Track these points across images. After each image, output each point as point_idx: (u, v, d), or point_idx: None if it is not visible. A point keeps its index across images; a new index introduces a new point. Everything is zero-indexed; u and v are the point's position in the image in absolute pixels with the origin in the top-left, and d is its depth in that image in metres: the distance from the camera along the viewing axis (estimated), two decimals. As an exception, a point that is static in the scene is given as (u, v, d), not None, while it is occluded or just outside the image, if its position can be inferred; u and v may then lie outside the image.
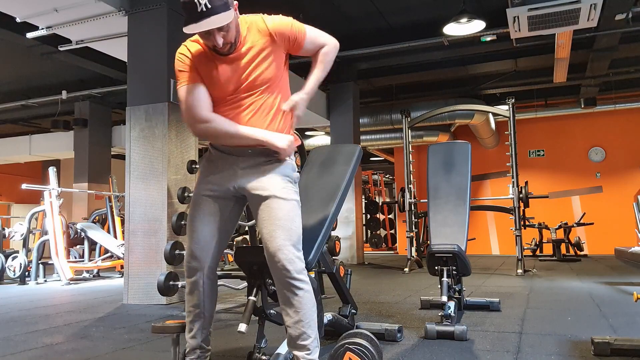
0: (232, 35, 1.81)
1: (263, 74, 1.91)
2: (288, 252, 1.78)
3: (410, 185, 7.23)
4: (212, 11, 1.69)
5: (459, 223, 3.26)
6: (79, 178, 9.45)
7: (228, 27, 1.77)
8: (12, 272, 6.48)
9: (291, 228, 1.83)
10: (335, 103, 8.50)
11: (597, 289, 4.66)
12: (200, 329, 1.95)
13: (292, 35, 1.93)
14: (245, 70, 1.89)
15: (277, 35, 1.91)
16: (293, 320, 1.80)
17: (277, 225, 1.81)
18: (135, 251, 4.47)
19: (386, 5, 6.18)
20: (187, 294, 1.97)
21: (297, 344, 1.81)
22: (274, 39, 1.91)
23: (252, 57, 1.89)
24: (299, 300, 1.80)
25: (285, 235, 1.80)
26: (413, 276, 6.26)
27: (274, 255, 1.78)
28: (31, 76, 8.27)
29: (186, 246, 1.99)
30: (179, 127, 4.64)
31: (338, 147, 2.62)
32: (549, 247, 8.99)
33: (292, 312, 1.80)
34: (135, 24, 4.72)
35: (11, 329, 3.33)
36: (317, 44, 2.00)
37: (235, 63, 1.89)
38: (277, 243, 1.79)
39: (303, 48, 1.97)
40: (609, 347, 2.31)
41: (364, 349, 1.89)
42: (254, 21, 1.92)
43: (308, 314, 1.81)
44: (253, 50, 1.89)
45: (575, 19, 4.97)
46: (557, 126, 10.91)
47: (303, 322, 1.80)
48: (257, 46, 1.89)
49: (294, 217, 1.86)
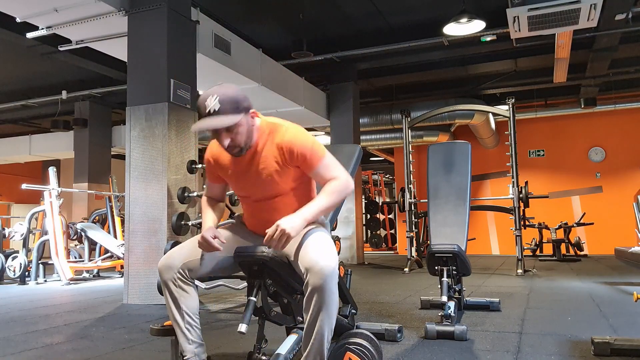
0: (241, 140, 1.84)
1: (274, 182, 1.92)
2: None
3: (410, 185, 7.23)
4: (218, 113, 1.77)
5: (459, 223, 3.26)
6: (79, 178, 9.46)
7: (236, 131, 1.81)
8: (12, 272, 6.48)
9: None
10: (335, 103, 8.50)
11: (597, 289, 4.66)
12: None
13: (308, 155, 1.88)
14: (258, 176, 1.92)
15: (291, 150, 1.88)
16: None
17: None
18: (135, 251, 4.47)
19: (386, 5, 6.18)
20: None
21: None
22: (288, 152, 1.88)
23: (265, 164, 1.91)
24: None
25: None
26: (413, 276, 6.26)
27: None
28: (31, 76, 8.27)
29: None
30: (179, 127, 4.64)
31: (338, 147, 2.62)
32: (549, 247, 8.99)
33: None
34: (135, 24, 4.72)
35: (11, 329, 3.33)
36: (329, 174, 1.92)
37: (248, 166, 1.93)
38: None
39: (314, 171, 1.91)
40: (609, 347, 2.31)
41: (363, 349, 1.89)
42: (275, 129, 1.92)
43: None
44: (266, 158, 1.90)
45: (575, 19, 4.97)
46: (557, 126, 10.91)
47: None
48: (270, 155, 1.90)
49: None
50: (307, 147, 1.88)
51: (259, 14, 6.36)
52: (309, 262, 1.75)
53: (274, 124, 1.94)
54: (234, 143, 1.84)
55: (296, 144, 1.88)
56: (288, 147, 1.88)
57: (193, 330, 1.92)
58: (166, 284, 1.91)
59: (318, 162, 1.89)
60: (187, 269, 1.91)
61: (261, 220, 2.01)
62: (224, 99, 1.78)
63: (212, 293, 4.93)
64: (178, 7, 4.75)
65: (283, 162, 1.90)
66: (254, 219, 2.06)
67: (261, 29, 6.80)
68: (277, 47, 7.10)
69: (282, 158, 1.89)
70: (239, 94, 1.84)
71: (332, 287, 1.75)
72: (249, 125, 1.86)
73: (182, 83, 4.68)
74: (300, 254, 1.82)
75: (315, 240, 1.84)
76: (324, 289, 1.73)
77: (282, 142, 1.89)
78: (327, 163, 1.91)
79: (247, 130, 1.85)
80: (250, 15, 6.36)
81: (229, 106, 1.78)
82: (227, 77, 6.12)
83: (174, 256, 1.93)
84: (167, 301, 1.93)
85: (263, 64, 6.63)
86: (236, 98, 1.82)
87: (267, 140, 1.91)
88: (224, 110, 1.77)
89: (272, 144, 1.90)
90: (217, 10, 6.03)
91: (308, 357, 1.78)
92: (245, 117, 1.83)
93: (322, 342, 1.78)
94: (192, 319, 1.92)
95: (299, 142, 1.88)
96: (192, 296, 1.94)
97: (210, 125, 1.78)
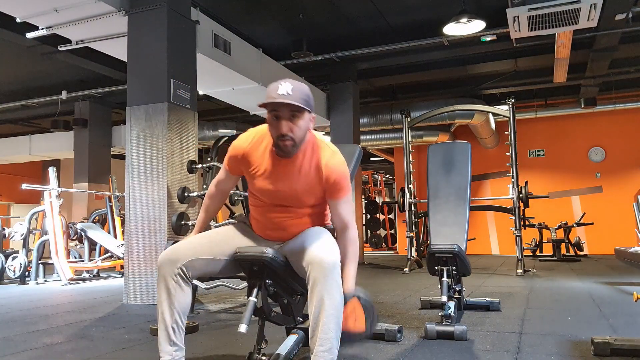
0: (298, 134, 1.84)
1: (302, 195, 1.95)
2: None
3: (410, 185, 7.23)
4: (291, 97, 1.79)
5: (459, 223, 3.26)
6: (79, 178, 9.45)
7: (298, 122, 1.83)
8: (12, 272, 6.48)
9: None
10: (335, 103, 8.50)
11: (597, 289, 4.66)
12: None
13: (341, 186, 1.94)
14: (291, 184, 1.93)
15: (330, 174, 1.92)
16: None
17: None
18: (135, 251, 4.47)
19: (386, 5, 6.18)
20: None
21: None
22: (327, 175, 1.92)
23: (302, 176, 1.93)
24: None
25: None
26: (413, 276, 6.26)
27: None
28: (31, 76, 8.27)
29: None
30: (179, 127, 4.64)
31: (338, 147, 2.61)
32: (549, 247, 8.99)
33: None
34: (135, 24, 4.72)
35: (11, 329, 3.33)
36: (345, 213, 1.97)
37: (285, 170, 1.94)
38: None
39: (335, 200, 1.95)
40: (609, 347, 2.31)
41: (370, 307, 1.90)
42: (323, 148, 1.96)
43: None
44: (305, 170, 1.93)
45: (575, 19, 4.97)
46: (557, 126, 10.91)
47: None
48: (310, 169, 1.93)
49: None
50: (344, 179, 1.94)
51: (259, 14, 6.36)
52: (310, 256, 1.77)
53: (323, 142, 1.98)
54: (292, 133, 1.83)
55: (337, 172, 1.92)
56: (329, 171, 1.92)
57: (178, 332, 1.87)
58: (164, 277, 1.87)
59: (344, 196, 1.95)
60: (189, 267, 1.88)
61: (271, 226, 2.02)
62: (297, 88, 1.82)
63: (212, 293, 4.93)
64: (178, 7, 4.75)
65: (318, 181, 1.93)
66: (264, 223, 2.04)
67: (261, 29, 6.80)
68: (277, 47, 7.10)
69: (318, 177, 1.92)
70: (310, 94, 1.89)
71: (334, 277, 1.75)
72: (308, 125, 1.89)
73: (182, 83, 4.68)
74: (301, 252, 1.83)
75: (315, 237, 1.86)
76: (326, 280, 1.73)
77: (327, 163, 1.92)
78: (348, 200, 1.98)
79: (305, 128, 1.87)
80: (250, 15, 6.36)
81: (301, 95, 1.82)
82: (227, 77, 6.12)
83: (179, 251, 1.90)
84: (160, 296, 1.88)
85: (263, 64, 6.63)
86: (307, 93, 1.86)
87: (312, 154, 1.94)
88: (295, 97, 1.80)
89: (315, 160, 1.93)
90: (217, 10, 6.03)
91: (317, 356, 1.73)
92: (308, 115, 1.87)
93: (330, 337, 1.73)
94: (181, 319, 1.88)
95: (341, 171, 1.94)
96: (186, 295, 1.90)
97: (285, 99, 1.78)
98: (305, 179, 1.92)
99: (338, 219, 1.97)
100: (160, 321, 1.86)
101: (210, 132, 9.87)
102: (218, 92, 6.81)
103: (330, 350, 1.73)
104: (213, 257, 1.94)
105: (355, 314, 1.83)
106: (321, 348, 1.72)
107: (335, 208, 1.97)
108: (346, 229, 1.97)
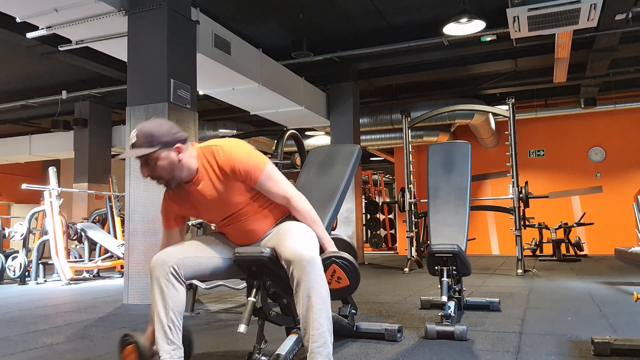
0: (162, 173, 1.90)
1: (230, 200, 1.98)
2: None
3: (410, 185, 7.23)
4: (133, 146, 1.88)
5: (459, 223, 3.26)
6: (79, 178, 9.45)
7: (153, 164, 1.89)
8: (12, 272, 6.48)
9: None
10: (335, 103, 8.50)
11: (597, 289, 4.66)
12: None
13: (243, 170, 1.93)
14: (213, 199, 1.98)
15: (232, 167, 1.94)
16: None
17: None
18: (135, 251, 4.47)
19: (386, 5, 6.18)
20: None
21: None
22: (230, 170, 1.94)
23: (213, 188, 1.96)
24: None
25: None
26: (413, 276, 6.26)
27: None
28: (31, 76, 8.27)
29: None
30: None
31: (337, 147, 2.61)
32: (549, 247, 8.98)
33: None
34: (135, 24, 4.72)
35: (11, 329, 3.33)
36: (277, 189, 1.97)
37: (200, 194, 1.98)
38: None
39: (258, 184, 1.95)
40: (609, 347, 2.31)
41: (348, 264, 1.92)
42: (211, 152, 1.97)
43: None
44: (211, 181, 1.96)
45: (575, 19, 4.97)
46: (557, 126, 10.90)
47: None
48: (214, 177, 1.96)
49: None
50: (245, 161, 1.93)
51: (259, 14, 6.36)
52: (288, 255, 1.79)
53: (210, 147, 1.99)
54: (155, 174, 1.91)
55: (233, 160, 1.93)
56: (227, 164, 1.93)
57: (175, 330, 1.87)
58: (157, 279, 1.88)
59: (260, 175, 1.94)
60: (180, 267, 1.90)
61: (236, 234, 2.06)
62: (140, 133, 1.88)
63: (212, 293, 4.93)
64: (178, 7, 4.75)
65: (226, 179, 1.94)
66: (230, 235, 2.10)
67: (261, 29, 6.80)
68: (277, 47, 7.10)
69: (226, 176, 1.94)
70: (159, 129, 1.90)
71: (316, 271, 1.76)
72: (170, 159, 1.90)
73: (182, 83, 4.68)
74: (279, 250, 1.86)
75: (287, 235, 1.89)
76: (309, 277, 1.74)
77: (221, 161, 1.94)
78: (269, 175, 1.96)
79: (168, 164, 1.90)
80: (250, 15, 6.36)
81: (143, 140, 1.87)
82: (227, 77, 6.11)
83: (169, 252, 1.93)
84: (154, 296, 1.89)
85: (263, 63, 6.63)
86: (151, 133, 1.88)
87: (209, 163, 1.96)
88: (138, 144, 1.87)
89: (214, 165, 1.95)
90: (217, 10, 6.03)
91: (313, 353, 1.73)
92: (164, 151, 1.89)
93: (322, 332, 1.74)
94: (177, 318, 1.88)
95: (236, 157, 1.93)
96: (180, 295, 1.90)
97: (123, 156, 1.94)
98: (218, 184, 1.96)
99: (275, 197, 1.99)
100: (156, 322, 1.87)
101: (210, 132, 9.87)
102: (218, 92, 6.80)
103: (325, 344, 1.74)
104: (203, 255, 1.97)
105: (336, 275, 1.90)
106: (315, 344, 1.73)
107: (263, 190, 1.98)
108: (290, 200, 1.98)
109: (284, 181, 2.00)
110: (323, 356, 1.73)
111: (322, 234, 1.99)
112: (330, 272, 1.88)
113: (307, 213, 1.99)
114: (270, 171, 1.96)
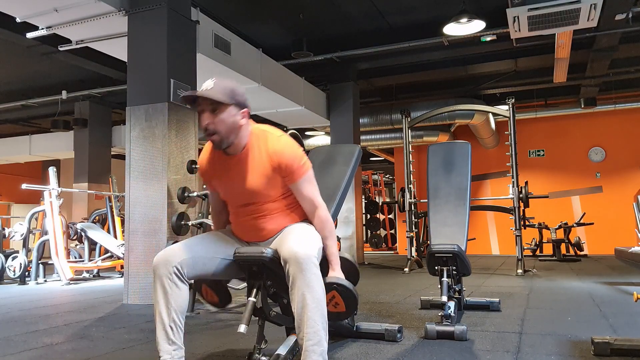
0: (222, 128, 1.86)
1: (262, 188, 1.95)
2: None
3: (410, 185, 7.23)
4: (211, 91, 1.83)
5: (459, 223, 3.26)
6: (79, 178, 9.45)
7: (220, 115, 1.84)
8: (12, 272, 6.48)
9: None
10: (335, 103, 8.50)
11: (597, 289, 4.66)
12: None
13: (295, 167, 1.93)
14: (247, 180, 1.94)
15: (280, 158, 1.92)
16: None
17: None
18: (135, 251, 4.47)
19: (386, 5, 6.18)
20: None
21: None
22: (277, 160, 1.92)
23: (254, 169, 1.94)
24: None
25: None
26: (413, 276, 6.26)
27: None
28: (31, 76, 8.27)
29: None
30: (179, 127, 4.64)
31: (337, 147, 2.62)
32: (549, 247, 8.98)
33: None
34: (135, 24, 4.72)
35: (11, 329, 3.33)
36: (309, 195, 1.98)
37: (237, 169, 1.96)
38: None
39: (294, 183, 1.95)
40: (609, 347, 2.31)
41: (347, 291, 1.94)
42: (267, 136, 1.96)
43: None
44: (256, 163, 1.94)
45: (575, 19, 4.97)
46: (557, 126, 10.90)
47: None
48: (260, 161, 1.94)
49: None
50: (295, 160, 1.92)
51: (259, 14, 6.36)
52: (285, 253, 1.79)
53: (266, 131, 1.97)
54: (215, 127, 1.85)
55: (285, 154, 1.92)
56: (278, 156, 1.91)
57: (176, 331, 1.85)
58: (160, 278, 1.87)
59: (301, 176, 1.94)
60: (184, 266, 1.88)
61: (246, 227, 2.04)
62: (219, 82, 1.86)
63: (212, 293, 4.92)
64: (178, 7, 4.75)
65: (272, 169, 1.92)
66: (240, 226, 2.06)
67: (261, 29, 6.80)
68: (277, 47, 7.10)
69: (271, 166, 1.92)
70: (237, 88, 1.89)
71: (312, 270, 1.76)
72: (235, 119, 1.88)
73: (182, 83, 4.68)
74: (279, 250, 1.85)
75: (289, 234, 1.89)
76: (304, 275, 1.74)
77: (274, 149, 1.92)
78: (308, 179, 1.96)
79: (231, 123, 1.87)
80: (250, 15, 6.35)
81: (221, 89, 1.85)
82: (227, 77, 6.08)
83: (173, 251, 1.91)
84: (156, 295, 1.87)
85: (263, 64, 6.63)
86: (231, 87, 1.88)
87: (259, 146, 1.94)
88: (214, 91, 1.83)
89: (263, 150, 1.93)
90: (217, 10, 6.03)
91: (307, 351, 1.73)
92: (234, 109, 1.87)
93: (317, 330, 1.74)
94: (179, 318, 1.86)
95: (289, 153, 1.92)
96: (183, 295, 1.89)
97: (193, 93, 1.84)
98: (259, 170, 1.93)
99: (304, 201, 1.99)
100: (157, 321, 1.86)
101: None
102: (218, 92, 6.79)
103: (319, 342, 1.75)
104: (207, 255, 1.95)
105: (334, 300, 1.91)
106: (310, 342, 1.74)
107: (297, 191, 1.97)
108: (315, 209, 1.98)
109: (317, 189, 2.02)
110: (317, 354, 1.73)
111: (333, 249, 1.98)
112: (330, 296, 1.89)
113: (327, 224, 2.00)
114: (311, 176, 1.99)
